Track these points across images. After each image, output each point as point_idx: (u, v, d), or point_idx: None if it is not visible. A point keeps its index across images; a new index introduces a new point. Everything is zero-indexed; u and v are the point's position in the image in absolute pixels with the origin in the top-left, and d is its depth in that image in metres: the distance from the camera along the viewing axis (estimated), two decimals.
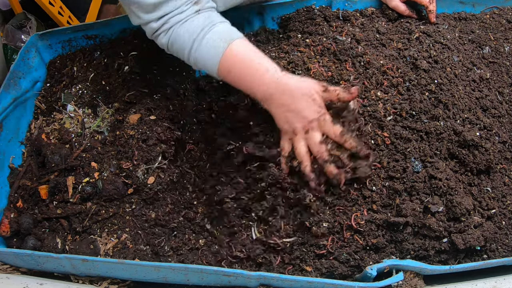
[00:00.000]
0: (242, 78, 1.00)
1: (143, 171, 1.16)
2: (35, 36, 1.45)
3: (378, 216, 1.02)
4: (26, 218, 1.17)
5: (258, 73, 0.98)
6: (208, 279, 1.01)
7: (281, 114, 0.98)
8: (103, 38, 1.49)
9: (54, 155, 1.22)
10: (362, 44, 1.23)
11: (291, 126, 0.97)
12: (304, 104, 0.95)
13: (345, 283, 0.95)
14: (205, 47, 1.02)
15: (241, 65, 1.00)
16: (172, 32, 1.05)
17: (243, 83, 1.01)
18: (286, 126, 0.98)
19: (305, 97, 0.95)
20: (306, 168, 0.98)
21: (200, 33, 1.02)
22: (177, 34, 1.04)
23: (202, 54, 1.03)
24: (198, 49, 1.03)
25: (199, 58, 1.04)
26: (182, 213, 1.18)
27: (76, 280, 1.11)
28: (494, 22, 1.38)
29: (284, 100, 0.96)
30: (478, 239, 1.00)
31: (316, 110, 0.96)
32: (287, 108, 0.96)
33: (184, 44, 1.04)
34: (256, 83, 0.98)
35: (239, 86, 1.03)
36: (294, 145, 0.99)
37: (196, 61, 1.05)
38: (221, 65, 1.01)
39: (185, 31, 1.04)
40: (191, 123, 1.34)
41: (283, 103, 0.96)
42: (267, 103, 1.00)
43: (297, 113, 0.95)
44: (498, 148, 1.12)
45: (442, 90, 1.14)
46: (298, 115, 0.95)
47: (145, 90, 1.32)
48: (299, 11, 1.41)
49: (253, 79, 0.99)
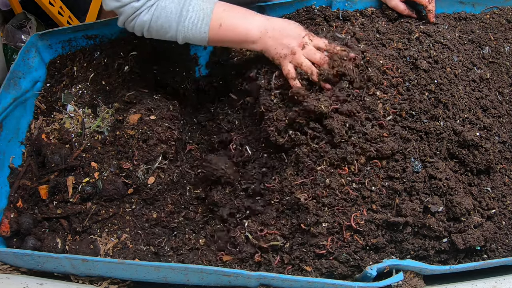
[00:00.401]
0: (235, 24, 1.10)
1: (143, 171, 1.17)
2: (35, 36, 1.45)
3: (378, 216, 1.02)
4: (26, 218, 1.17)
5: (249, 15, 1.12)
6: (208, 279, 1.01)
7: (276, 42, 1.10)
8: (103, 38, 1.49)
9: (54, 155, 1.22)
10: (362, 44, 1.23)
11: (289, 47, 1.09)
12: (293, 27, 1.11)
13: (345, 283, 0.95)
14: (193, 11, 1.09)
15: (231, 13, 1.11)
16: (156, 8, 1.08)
17: (236, 30, 1.10)
18: (285, 50, 1.09)
19: (292, 23, 1.12)
20: (315, 75, 1.08)
21: (186, 1, 1.09)
22: (162, 7, 1.08)
23: (192, 19, 1.09)
24: (188, 15, 1.08)
25: (189, 24, 1.09)
26: (182, 213, 1.19)
27: (76, 280, 1.11)
28: (494, 22, 1.38)
29: (277, 29, 1.10)
30: (478, 239, 1.00)
31: (303, 29, 1.12)
32: (281, 34, 1.09)
33: (171, 14, 1.08)
34: (248, 23, 1.10)
35: (232, 37, 1.11)
36: (299, 62, 1.09)
37: (185, 28, 1.09)
38: (212, 22, 1.09)
39: (170, 2, 1.08)
40: (191, 123, 1.34)
41: (275, 33, 1.10)
42: (262, 40, 1.10)
43: (289, 35, 1.09)
44: (498, 148, 1.12)
45: (442, 90, 1.14)
46: (290, 36, 1.09)
47: (145, 90, 1.32)
48: (299, 11, 1.41)
49: (245, 22, 1.11)
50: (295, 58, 1.09)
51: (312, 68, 1.08)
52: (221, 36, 1.12)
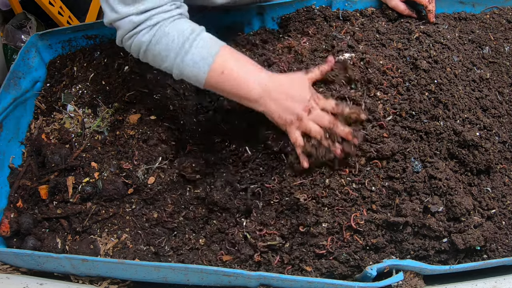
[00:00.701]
0: (237, 77, 1.00)
1: (143, 171, 1.17)
2: (35, 36, 1.45)
3: (378, 216, 1.02)
4: (26, 218, 1.17)
5: (254, 71, 1.01)
6: (208, 279, 1.01)
7: (280, 107, 1.00)
8: (103, 38, 1.49)
9: (54, 155, 1.22)
10: (362, 44, 1.23)
11: (294, 112, 0.99)
12: (297, 89, 1.01)
13: (345, 283, 0.95)
14: (196, 48, 0.99)
15: (236, 64, 1.00)
16: (158, 30, 0.99)
17: (237, 83, 1.00)
18: (289, 116, 1.00)
19: (296, 82, 1.02)
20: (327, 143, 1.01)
21: (192, 34, 1.00)
22: (164, 33, 0.98)
23: (193, 55, 0.99)
24: (190, 50, 0.99)
25: (189, 60, 0.99)
26: (182, 213, 1.19)
27: (76, 280, 1.11)
28: (494, 22, 1.38)
29: (281, 90, 1.00)
30: (478, 239, 1.00)
31: (308, 91, 1.02)
32: (285, 96, 0.99)
33: (172, 44, 0.99)
34: (252, 80, 1.00)
35: (231, 88, 1.01)
36: (306, 128, 1.00)
37: (183, 63, 1.00)
38: (214, 65, 0.99)
39: (174, 30, 0.99)
40: (191, 123, 1.34)
41: (280, 93, 0.99)
42: (263, 102, 1.00)
43: (294, 98, 1.00)
44: (498, 148, 1.12)
45: (442, 90, 1.14)
46: (295, 100, 1.00)
47: (145, 90, 1.32)
48: (299, 11, 1.41)
49: (248, 77, 1.00)
50: (302, 125, 1.00)
51: (322, 133, 1.00)
52: (220, 84, 1.01)
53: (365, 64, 1.14)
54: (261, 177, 1.16)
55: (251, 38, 1.42)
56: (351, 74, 1.08)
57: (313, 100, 1.01)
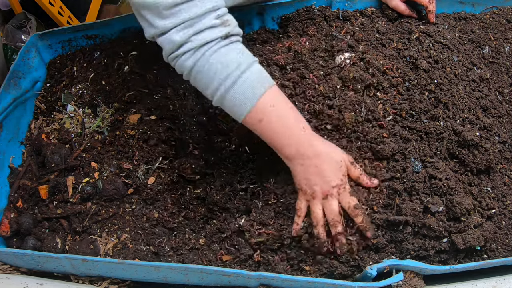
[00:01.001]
0: (276, 130, 0.93)
1: (143, 171, 1.17)
2: (35, 36, 1.45)
3: (378, 216, 1.02)
4: (26, 218, 1.17)
5: (295, 129, 0.94)
6: (208, 279, 1.01)
7: (304, 175, 0.95)
8: (103, 38, 1.49)
9: (54, 155, 1.22)
10: (362, 44, 1.23)
11: (311, 188, 0.94)
12: (331, 170, 0.94)
13: (345, 283, 0.95)
14: (240, 88, 0.91)
15: (278, 116, 0.93)
16: (202, 57, 0.90)
17: (274, 135, 0.94)
18: (306, 188, 0.95)
19: (334, 164, 0.94)
20: (321, 233, 0.98)
21: (236, 70, 0.91)
22: (207, 62, 0.90)
23: (234, 94, 0.91)
24: (231, 89, 0.91)
25: (229, 98, 0.92)
26: (182, 213, 1.19)
27: (76, 280, 1.11)
28: (494, 22, 1.38)
29: (313, 162, 0.93)
30: (478, 239, 1.00)
31: (340, 177, 0.95)
32: (313, 170, 0.93)
33: (214, 75, 0.90)
34: (289, 138, 0.93)
35: (266, 137, 0.95)
36: (311, 208, 0.97)
37: (223, 99, 0.93)
38: (254, 111, 0.91)
39: (218, 61, 0.90)
40: (191, 123, 1.35)
41: (310, 164, 0.93)
42: (293, 161, 0.95)
43: (321, 177, 0.93)
44: (498, 148, 1.12)
45: (442, 90, 1.14)
46: (322, 179, 0.93)
47: (145, 90, 1.32)
48: (299, 11, 1.41)
49: (287, 134, 0.93)
50: (312, 203, 0.96)
51: (320, 223, 0.96)
52: (256, 130, 0.95)
53: (365, 64, 1.14)
54: (261, 177, 1.16)
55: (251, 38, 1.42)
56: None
57: (337, 190, 0.94)
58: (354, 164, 0.98)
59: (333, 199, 0.94)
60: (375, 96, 1.11)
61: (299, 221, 0.99)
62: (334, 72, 1.13)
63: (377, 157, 1.06)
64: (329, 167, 0.93)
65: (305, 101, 1.11)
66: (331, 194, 0.94)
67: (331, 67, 1.15)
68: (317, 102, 1.10)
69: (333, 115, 1.06)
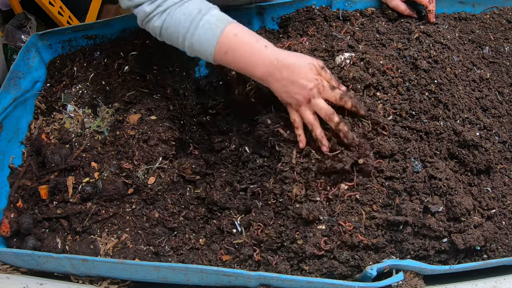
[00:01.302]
0: (242, 56, 1.02)
1: (143, 171, 1.17)
2: (35, 36, 1.45)
3: (378, 216, 1.02)
4: (26, 218, 1.17)
5: (257, 50, 1.01)
6: (208, 279, 1.01)
7: (282, 89, 1.01)
8: (103, 38, 1.49)
9: (54, 155, 1.22)
10: (362, 44, 1.23)
11: (294, 98, 1.01)
12: (303, 75, 0.99)
13: (345, 283, 0.95)
14: (202, 29, 1.02)
15: (240, 43, 1.01)
16: (167, 15, 1.03)
17: (242, 62, 1.02)
18: (289, 100, 1.02)
19: (304, 69, 1.00)
20: (318, 133, 1.02)
21: (197, 15, 1.02)
22: (173, 17, 1.03)
23: (199, 36, 1.02)
24: (195, 32, 1.02)
25: (195, 41, 1.03)
26: (182, 213, 1.19)
27: (76, 280, 1.11)
28: (494, 22, 1.38)
29: (284, 74, 0.99)
30: (478, 239, 1.00)
31: (314, 78, 1.00)
32: (287, 81, 1.00)
33: (180, 27, 1.03)
34: (256, 61, 1.01)
35: (237, 66, 1.04)
36: (302, 116, 1.02)
37: (191, 44, 1.04)
38: (218, 46, 1.01)
39: (181, 14, 1.02)
40: (191, 123, 1.34)
41: (283, 77, 1.00)
42: (267, 80, 1.02)
43: (297, 85, 0.99)
44: (498, 148, 1.12)
45: (442, 90, 1.14)
46: (298, 86, 0.99)
47: (145, 90, 1.32)
48: (299, 11, 1.41)
49: (252, 57, 1.01)
50: (300, 111, 1.02)
51: (315, 125, 1.02)
52: (225, 63, 1.05)
53: (365, 64, 1.14)
54: (261, 177, 1.16)
55: None
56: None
57: (316, 90, 0.99)
58: (324, 69, 1.04)
59: (317, 99, 1.00)
60: (375, 96, 1.11)
61: (300, 131, 1.04)
62: (334, 72, 1.13)
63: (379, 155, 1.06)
64: (300, 73, 0.99)
65: None
66: (312, 95, 0.99)
67: (331, 67, 1.15)
68: None
69: None
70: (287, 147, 1.08)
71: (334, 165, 1.01)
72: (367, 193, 1.03)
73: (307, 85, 0.99)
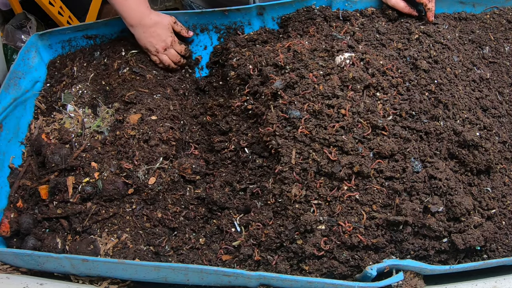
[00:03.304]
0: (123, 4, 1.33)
1: (144, 172, 1.16)
2: (35, 36, 1.45)
3: (378, 216, 1.02)
4: (26, 218, 1.17)
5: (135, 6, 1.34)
6: (208, 279, 1.01)
7: (146, 39, 1.38)
8: (103, 38, 1.49)
9: (54, 155, 1.22)
10: (362, 44, 1.23)
11: (155, 47, 1.39)
12: (163, 32, 1.40)
13: (345, 283, 0.95)
14: None
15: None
16: None
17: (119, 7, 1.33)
18: (151, 48, 1.39)
19: (165, 27, 1.40)
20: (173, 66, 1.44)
21: None
22: None
23: None
24: None
25: None
26: (182, 213, 1.19)
27: (76, 280, 1.11)
28: (494, 22, 1.38)
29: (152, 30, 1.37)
30: (478, 239, 1.00)
31: (170, 35, 1.42)
32: (152, 34, 1.38)
33: None
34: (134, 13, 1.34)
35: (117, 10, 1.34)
36: (160, 58, 1.42)
37: None
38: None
39: None
40: (191, 123, 1.34)
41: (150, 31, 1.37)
42: (136, 29, 1.36)
43: (159, 39, 1.39)
44: (498, 148, 1.12)
45: (442, 90, 1.14)
46: (159, 39, 1.39)
47: (145, 90, 1.32)
48: (299, 11, 1.41)
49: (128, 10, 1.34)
50: (159, 56, 1.41)
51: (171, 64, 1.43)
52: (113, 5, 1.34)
53: (365, 64, 1.14)
54: (260, 177, 1.16)
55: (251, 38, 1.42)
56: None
57: (170, 43, 1.41)
58: (177, 23, 1.45)
59: (170, 49, 1.43)
60: (374, 96, 1.11)
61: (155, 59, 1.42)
62: (334, 72, 1.13)
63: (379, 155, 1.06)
64: (162, 30, 1.40)
65: (305, 100, 1.11)
66: (168, 47, 1.42)
67: (330, 67, 1.15)
68: (316, 102, 1.10)
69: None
70: (286, 147, 1.08)
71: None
72: (367, 193, 1.03)
73: (166, 40, 1.40)
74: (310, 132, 1.06)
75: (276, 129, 1.10)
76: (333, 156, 1.04)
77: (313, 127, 1.07)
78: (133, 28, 1.37)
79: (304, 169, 1.05)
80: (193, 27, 1.51)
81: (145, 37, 1.37)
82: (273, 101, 1.15)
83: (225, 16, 1.46)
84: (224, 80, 1.41)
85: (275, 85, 1.14)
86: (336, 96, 1.10)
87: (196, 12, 1.48)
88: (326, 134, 1.06)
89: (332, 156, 1.04)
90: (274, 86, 1.14)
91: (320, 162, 1.04)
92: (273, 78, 1.17)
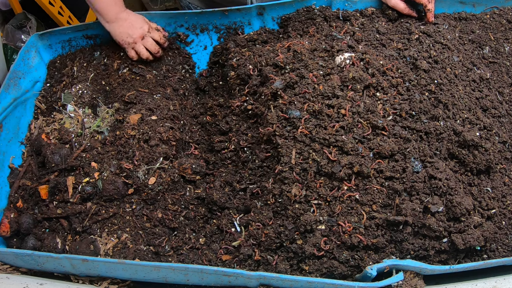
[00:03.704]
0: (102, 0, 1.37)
1: (144, 172, 1.17)
2: (35, 36, 1.45)
3: (378, 216, 1.02)
4: (26, 218, 1.17)
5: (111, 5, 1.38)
6: (208, 279, 1.01)
7: (124, 30, 1.39)
8: (103, 38, 1.49)
9: (54, 155, 1.22)
10: (362, 44, 1.23)
11: (132, 37, 1.39)
12: (138, 22, 1.42)
13: (345, 283, 0.95)
14: None
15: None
16: None
17: (99, 4, 1.36)
18: (128, 39, 1.39)
19: (139, 18, 1.43)
20: (150, 57, 1.42)
21: None
22: None
23: None
24: None
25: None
26: (182, 213, 1.19)
27: (76, 280, 1.11)
28: (494, 22, 1.38)
29: (127, 22, 1.40)
30: (478, 239, 1.00)
31: (146, 23, 1.44)
32: (128, 25, 1.39)
33: None
34: (110, 12, 1.37)
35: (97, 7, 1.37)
36: (137, 50, 1.41)
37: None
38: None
39: None
40: (191, 123, 1.34)
41: (126, 24, 1.39)
42: (111, 24, 1.38)
43: (135, 27, 1.40)
44: (498, 148, 1.12)
45: (442, 90, 1.14)
46: (135, 28, 1.40)
47: (145, 90, 1.32)
48: (299, 11, 1.41)
49: (108, 4, 1.37)
50: (135, 48, 1.41)
51: (148, 55, 1.41)
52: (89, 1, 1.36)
53: (365, 64, 1.14)
54: (260, 177, 1.16)
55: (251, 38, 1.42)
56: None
57: (147, 31, 1.42)
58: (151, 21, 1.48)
59: (147, 38, 1.42)
60: (374, 96, 1.11)
61: (132, 54, 1.41)
62: (334, 72, 1.13)
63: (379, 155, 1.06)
64: (137, 20, 1.42)
65: (304, 100, 1.11)
66: (145, 34, 1.42)
67: (330, 67, 1.15)
68: (316, 102, 1.10)
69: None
70: (286, 147, 1.08)
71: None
72: (367, 193, 1.03)
73: (142, 27, 1.41)
74: (310, 132, 1.06)
75: (276, 129, 1.10)
76: (333, 156, 1.04)
77: (313, 127, 1.07)
78: (109, 24, 1.39)
79: (304, 169, 1.05)
80: (193, 27, 1.51)
81: (123, 29, 1.40)
82: (273, 101, 1.15)
83: (225, 16, 1.46)
84: (224, 80, 1.41)
85: (275, 85, 1.14)
86: (336, 96, 1.10)
87: (196, 12, 1.48)
88: (326, 134, 1.06)
89: (332, 156, 1.04)
90: (274, 86, 1.14)
91: (320, 162, 1.04)
92: (273, 78, 1.17)
